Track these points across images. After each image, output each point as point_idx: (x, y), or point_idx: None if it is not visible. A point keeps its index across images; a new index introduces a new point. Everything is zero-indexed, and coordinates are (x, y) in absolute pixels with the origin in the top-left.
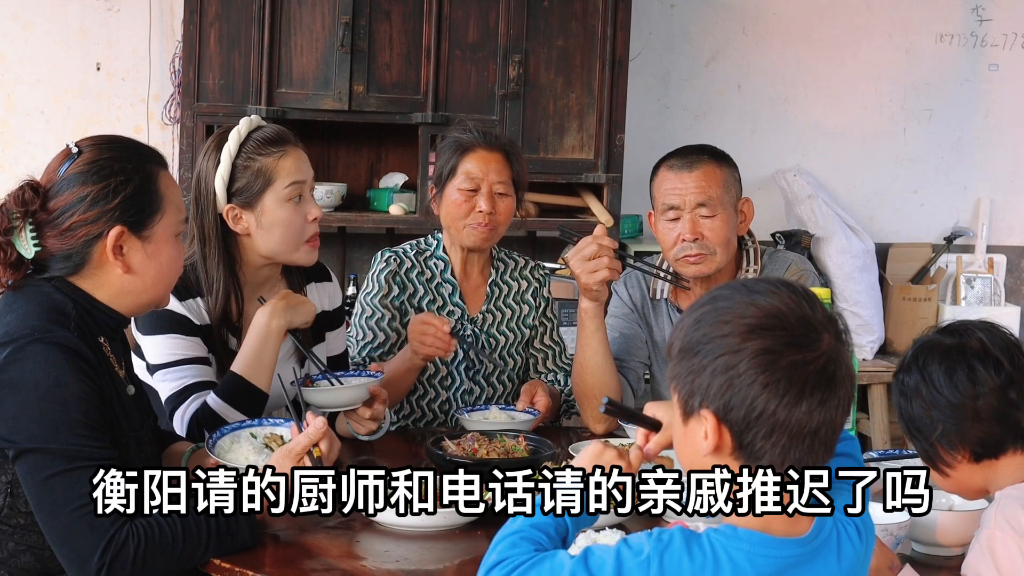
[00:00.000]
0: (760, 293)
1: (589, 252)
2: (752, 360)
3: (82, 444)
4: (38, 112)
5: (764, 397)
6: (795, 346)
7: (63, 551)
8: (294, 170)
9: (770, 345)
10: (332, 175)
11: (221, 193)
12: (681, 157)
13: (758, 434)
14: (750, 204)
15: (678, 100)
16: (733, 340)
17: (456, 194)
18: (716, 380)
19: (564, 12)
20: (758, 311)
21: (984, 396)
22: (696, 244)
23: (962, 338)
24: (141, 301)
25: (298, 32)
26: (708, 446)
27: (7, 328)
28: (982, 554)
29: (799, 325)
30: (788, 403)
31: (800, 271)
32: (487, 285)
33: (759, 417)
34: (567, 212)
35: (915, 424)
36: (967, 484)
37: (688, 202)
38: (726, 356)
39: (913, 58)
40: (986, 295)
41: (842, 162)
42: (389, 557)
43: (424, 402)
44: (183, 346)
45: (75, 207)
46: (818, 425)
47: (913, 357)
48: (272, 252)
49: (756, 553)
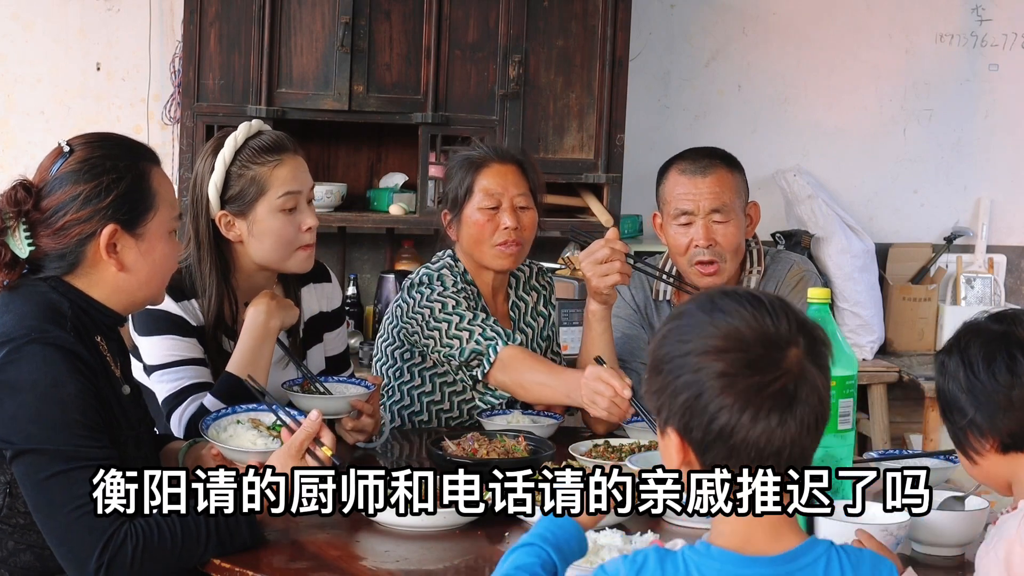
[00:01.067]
0: (722, 312)
1: (601, 256)
2: (709, 382)
3: (80, 444)
4: (38, 112)
5: (721, 420)
6: (752, 367)
7: (62, 551)
8: (289, 180)
9: (726, 368)
10: (332, 175)
11: (214, 200)
12: (693, 161)
13: (718, 454)
14: (757, 207)
15: (678, 100)
16: (692, 360)
17: (477, 214)
18: (678, 399)
19: (564, 12)
20: (717, 331)
21: (1020, 387)
22: (709, 250)
23: (1009, 326)
24: (136, 299)
25: (298, 32)
26: (676, 463)
27: (3, 329)
28: (996, 565)
29: (758, 345)
30: (745, 423)
31: (802, 272)
32: (509, 308)
33: (717, 438)
34: (567, 212)
35: (949, 406)
36: (993, 475)
37: (702, 208)
38: (685, 376)
39: (913, 58)
40: (986, 295)
41: (842, 162)
42: (389, 557)
43: (435, 408)
44: (180, 347)
45: (68, 206)
46: (780, 446)
47: (956, 338)
48: (264, 260)
49: (727, 571)
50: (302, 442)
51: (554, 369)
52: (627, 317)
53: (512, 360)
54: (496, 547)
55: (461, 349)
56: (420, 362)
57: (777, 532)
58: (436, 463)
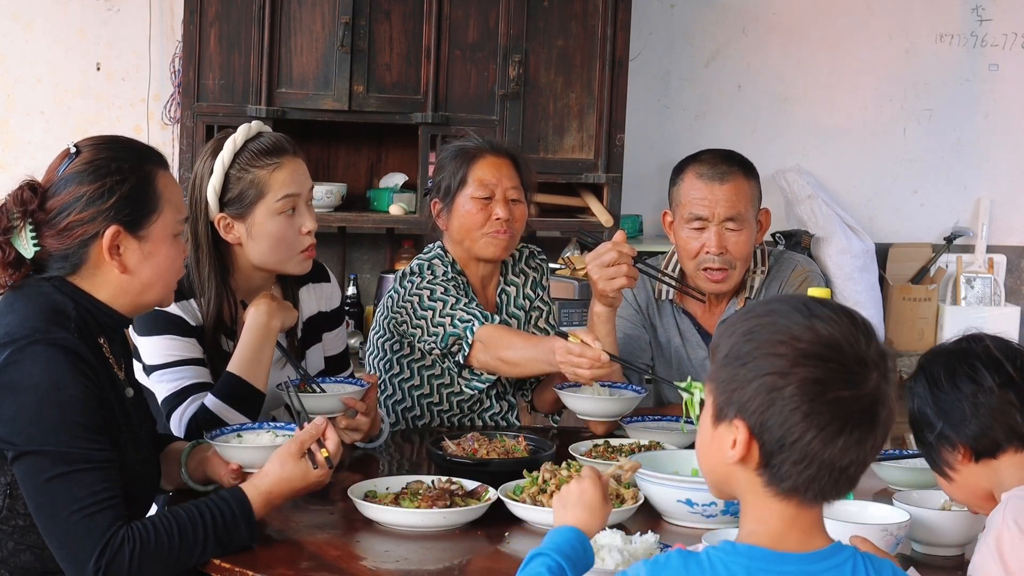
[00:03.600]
0: (820, 319)
1: (608, 259)
2: (799, 387)
3: (81, 446)
4: (38, 112)
5: (803, 426)
6: (844, 381)
7: (61, 553)
8: (288, 183)
9: (820, 376)
10: (332, 175)
11: (213, 202)
12: (712, 166)
13: (788, 458)
14: (768, 214)
15: (678, 100)
16: (783, 362)
17: (470, 203)
18: (759, 397)
19: (564, 12)
20: (815, 337)
21: (983, 393)
22: (720, 258)
23: (969, 344)
24: (140, 301)
25: (298, 32)
26: (734, 455)
27: (7, 329)
28: (989, 555)
29: (852, 359)
30: (826, 437)
31: (806, 272)
32: (496, 295)
33: (794, 443)
34: (567, 212)
35: (917, 425)
36: (973, 487)
37: (717, 215)
38: (773, 376)
39: (913, 58)
40: (986, 295)
41: (842, 162)
42: (389, 557)
43: (425, 401)
44: (180, 347)
45: (72, 206)
46: (850, 462)
47: (921, 364)
48: (263, 262)
49: (756, 568)
50: (303, 443)
51: (531, 340)
52: (629, 317)
53: (490, 338)
54: (496, 547)
55: (444, 336)
56: (409, 353)
57: (810, 532)
58: (436, 463)
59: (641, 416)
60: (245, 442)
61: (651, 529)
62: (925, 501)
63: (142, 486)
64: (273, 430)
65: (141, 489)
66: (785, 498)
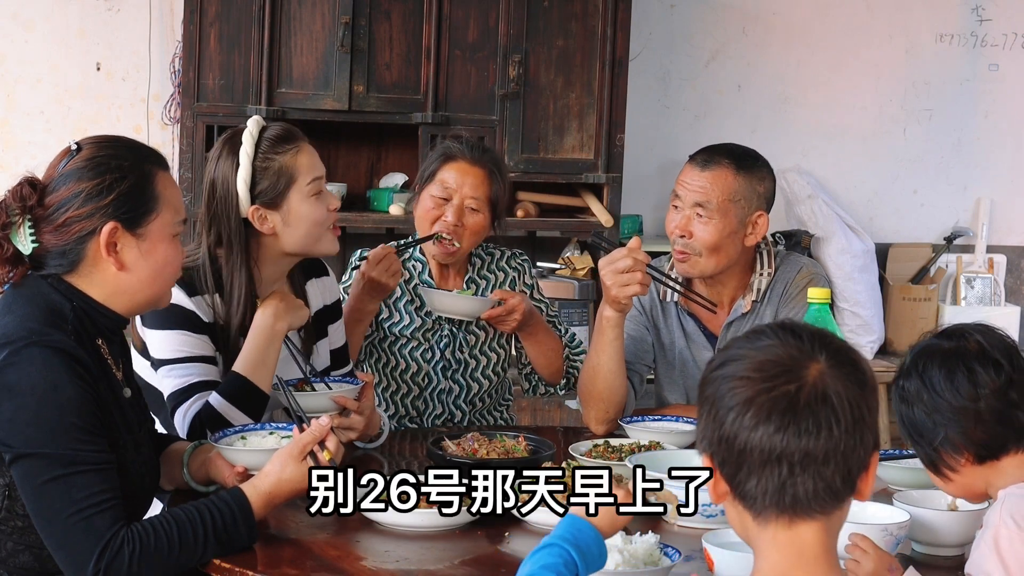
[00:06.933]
0: (759, 347)
1: (623, 265)
2: (737, 398)
3: (78, 449)
4: (38, 112)
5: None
6: (772, 380)
7: (60, 555)
8: (312, 165)
9: (750, 394)
10: (332, 175)
11: (244, 196)
12: (705, 153)
13: (744, 465)
14: (765, 219)
15: (678, 100)
16: (724, 385)
17: (428, 200)
18: (706, 421)
19: (564, 12)
20: (751, 362)
21: (985, 398)
22: (681, 240)
23: (960, 341)
24: (137, 300)
25: (298, 32)
26: (713, 496)
27: (4, 331)
28: (988, 552)
29: (788, 362)
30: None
31: (811, 274)
32: (464, 283)
33: (742, 450)
34: (567, 212)
35: (917, 430)
36: (970, 487)
37: (687, 199)
38: (716, 400)
39: (913, 58)
40: (986, 295)
41: (842, 162)
42: (389, 557)
43: (397, 398)
44: (190, 343)
45: (70, 203)
46: (804, 455)
47: (912, 362)
48: (297, 248)
49: None
50: (306, 444)
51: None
52: (633, 319)
53: None
54: (496, 547)
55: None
56: (385, 337)
57: (817, 564)
58: (436, 463)
59: (641, 416)
60: (249, 444)
61: (651, 529)
62: (925, 501)
63: (141, 486)
64: (277, 432)
65: (140, 489)
66: (772, 520)
